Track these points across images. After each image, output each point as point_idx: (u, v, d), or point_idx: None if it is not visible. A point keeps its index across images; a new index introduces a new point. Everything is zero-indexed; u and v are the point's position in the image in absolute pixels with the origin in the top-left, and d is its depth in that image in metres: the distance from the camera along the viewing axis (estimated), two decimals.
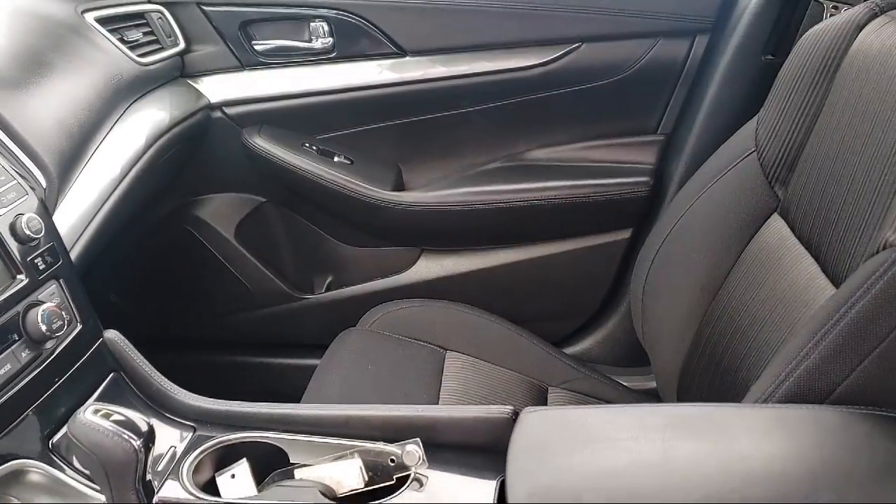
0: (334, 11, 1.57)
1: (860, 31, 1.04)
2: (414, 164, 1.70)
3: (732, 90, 1.54)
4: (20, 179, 0.92)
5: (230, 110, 1.61)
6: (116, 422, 0.73)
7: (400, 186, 1.67)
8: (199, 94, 1.58)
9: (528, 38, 1.58)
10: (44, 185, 0.99)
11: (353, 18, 1.58)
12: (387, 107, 1.64)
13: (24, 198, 0.91)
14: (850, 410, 0.78)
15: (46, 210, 0.94)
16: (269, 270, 1.75)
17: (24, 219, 0.88)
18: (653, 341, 1.32)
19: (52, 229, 0.93)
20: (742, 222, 1.18)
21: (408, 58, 1.61)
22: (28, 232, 0.88)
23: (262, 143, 1.58)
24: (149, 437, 0.75)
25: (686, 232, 1.30)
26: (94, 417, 0.73)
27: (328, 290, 1.77)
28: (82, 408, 0.74)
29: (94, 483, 0.83)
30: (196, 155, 1.60)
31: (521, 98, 1.63)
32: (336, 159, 1.63)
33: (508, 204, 1.61)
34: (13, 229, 0.87)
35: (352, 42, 1.60)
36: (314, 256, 1.78)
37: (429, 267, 1.72)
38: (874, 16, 1.04)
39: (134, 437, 0.73)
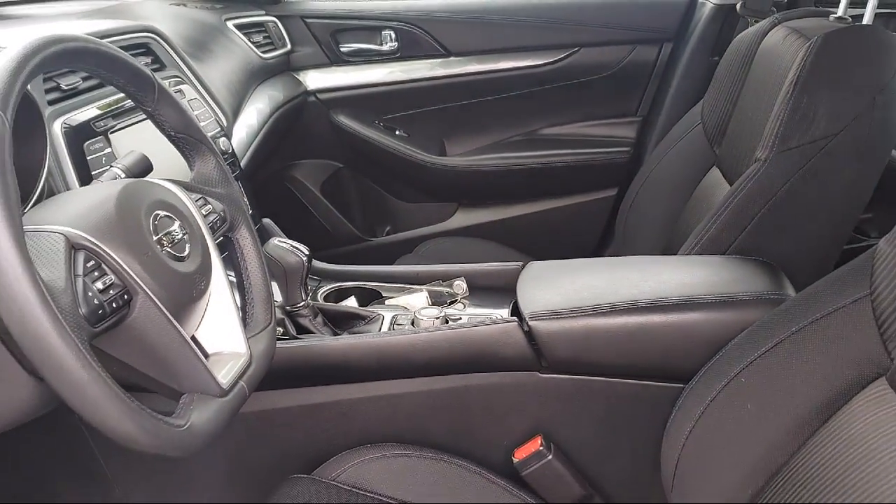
0: (399, 23, 2.03)
1: (765, 36, 1.42)
2: (454, 137, 2.12)
3: (689, 82, 1.95)
4: (215, 117, 1.43)
5: (322, 96, 2.06)
6: (290, 245, 1.21)
7: (443, 154, 2.10)
8: (300, 83, 2.04)
9: (541, 43, 2.02)
10: (224, 123, 1.49)
11: (413, 28, 2.03)
12: (436, 94, 2.07)
13: (218, 129, 1.41)
14: (728, 256, 1.22)
15: (228, 138, 1.44)
16: (345, 218, 2.17)
17: (220, 140, 1.39)
18: None
19: (232, 149, 1.43)
20: (691, 175, 1.55)
21: (452, 58, 2.04)
22: (223, 148, 1.38)
23: (344, 120, 2.06)
24: (309, 257, 1.21)
25: (652, 186, 1.67)
26: (279, 242, 1.21)
27: (387, 235, 2.20)
28: (271, 239, 1.22)
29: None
30: (294, 128, 2.03)
31: (535, 88, 2.05)
32: (397, 133, 2.09)
33: (525, 166, 2.04)
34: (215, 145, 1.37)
35: (411, 46, 2.04)
36: (378, 209, 2.20)
37: (464, 218, 2.13)
38: (774, 25, 1.42)
39: (302, 252, 1.20)
